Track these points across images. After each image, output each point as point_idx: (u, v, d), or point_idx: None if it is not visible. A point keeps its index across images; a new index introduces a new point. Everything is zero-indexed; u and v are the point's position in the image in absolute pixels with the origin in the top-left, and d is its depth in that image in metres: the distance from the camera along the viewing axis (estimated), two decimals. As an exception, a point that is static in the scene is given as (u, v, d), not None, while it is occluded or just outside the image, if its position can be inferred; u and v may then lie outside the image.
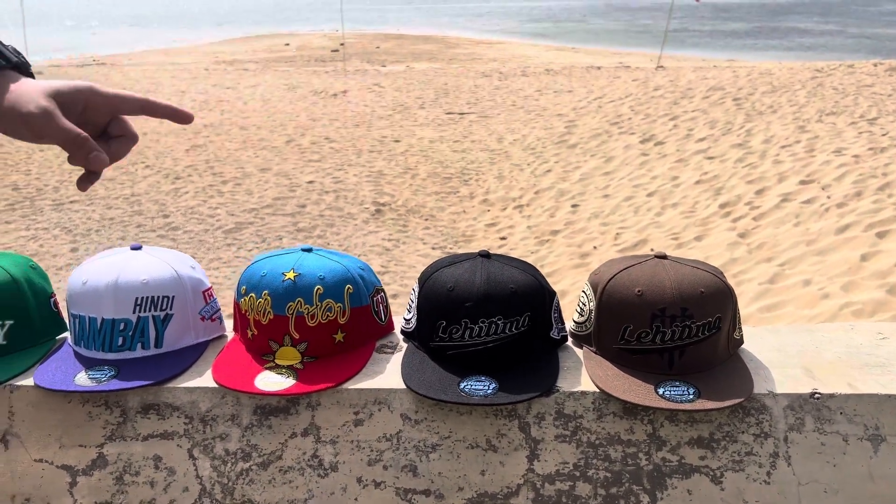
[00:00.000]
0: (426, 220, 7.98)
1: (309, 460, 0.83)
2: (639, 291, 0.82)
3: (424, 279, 0.91)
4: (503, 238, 7.33)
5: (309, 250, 0.94)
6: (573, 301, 5.42)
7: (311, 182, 8.62)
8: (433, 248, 7.27)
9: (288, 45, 23.53)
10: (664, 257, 0.87)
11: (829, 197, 5.99)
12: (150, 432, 0.83)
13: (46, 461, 0.83)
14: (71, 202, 8.00)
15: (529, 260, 6.76)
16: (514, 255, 7.54)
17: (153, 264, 0.90)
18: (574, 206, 7.68)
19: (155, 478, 0.83)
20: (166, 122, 12.17)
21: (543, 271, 6.61)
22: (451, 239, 7.48)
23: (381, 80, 13.23)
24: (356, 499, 0.82)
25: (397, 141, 10.09)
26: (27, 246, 6.99)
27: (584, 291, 0.92)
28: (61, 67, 16.73)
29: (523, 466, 0.82)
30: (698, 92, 10.31)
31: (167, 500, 0.83)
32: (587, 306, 0.89)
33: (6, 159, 9.20)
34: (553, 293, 0.91)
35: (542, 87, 12.66)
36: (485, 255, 0.90)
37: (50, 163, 9.12)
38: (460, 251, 7.24)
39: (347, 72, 13.88)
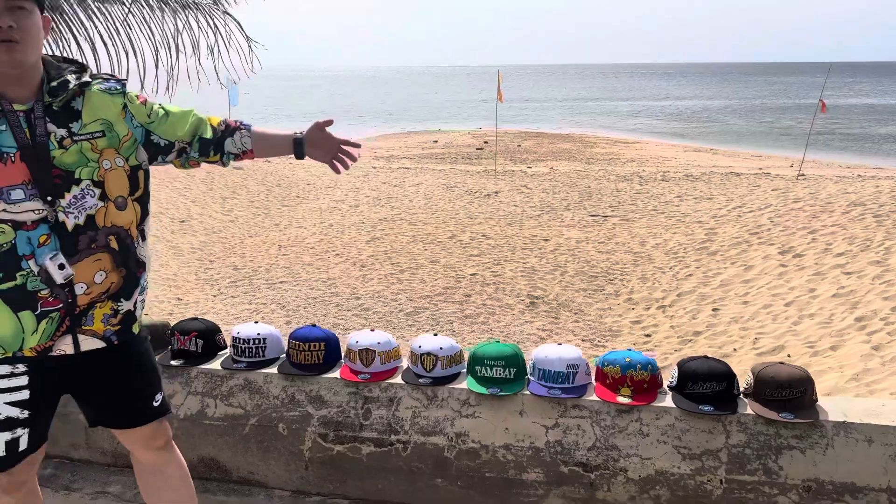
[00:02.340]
0: (575, 314, 9.21)
1: (639, 431, 2.30)
2: (771, 377, 2.25)
3: (682, 365, 2.37)
4: (647, 335, 8.41)
5: (629, 350, 2.43)
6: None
7: (473, 274, 10.14)
8: (583, 340, 8.48)
9: (436, 142, 26.25)
10: (783, 363, 2.29)
11: (959, 318, 6.78)
12: (569, 416, 2.34)
13: (480, 417, 2.36)
14: (280, 283, 9.94)
15: (672, 357, 7.95)
16: (658, 351, 8.73)
17: (572, 351, 2.43)
18: (715, 309, 8.65)
19: (578, 433, 2.33)
20: (348, 215, 14.15)
21: (688, 368, 7.71)
22: (598, 333, 8.62)
23: (528, 182, 15.04)
24: (650, 444, 2.27)
25: (546, 240, 11.53)
26: (251, 318, 8.84)
27: (748, 374, 2.34)
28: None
29: (723, 440, 2.25)
30: (838, 206, 11.10)
31: (580, 445, 2.31)
32: (750, 380, 2.32)
33: (224, 243, 11.46)
34: (734, 375, 2.34)
35: (681, 192, 13.86)
36: (706, 357, 2.36)
37: (258, 247, 11.27)
38: (608, 345, 8.52)
39: (497, 173, 15.86)
